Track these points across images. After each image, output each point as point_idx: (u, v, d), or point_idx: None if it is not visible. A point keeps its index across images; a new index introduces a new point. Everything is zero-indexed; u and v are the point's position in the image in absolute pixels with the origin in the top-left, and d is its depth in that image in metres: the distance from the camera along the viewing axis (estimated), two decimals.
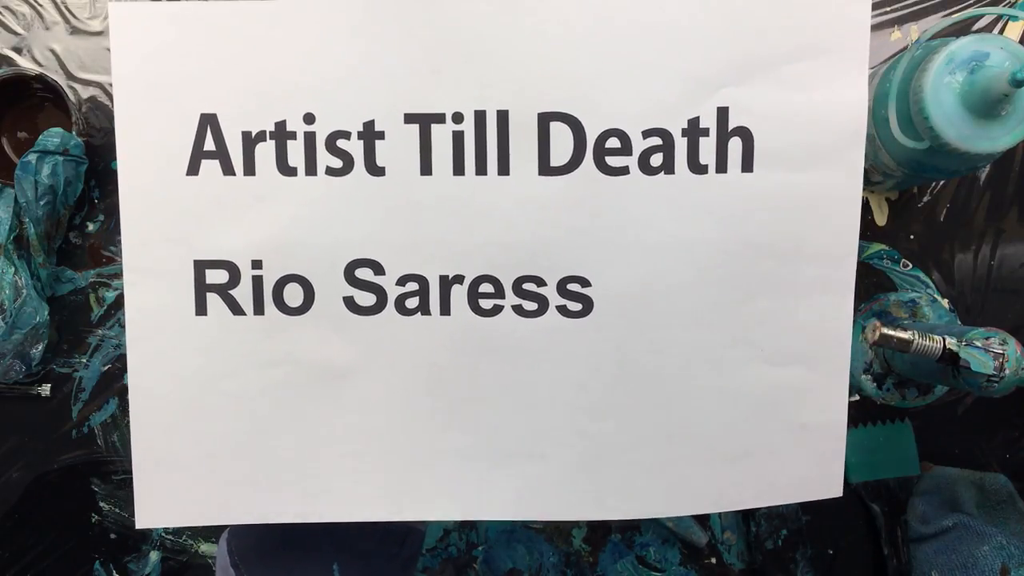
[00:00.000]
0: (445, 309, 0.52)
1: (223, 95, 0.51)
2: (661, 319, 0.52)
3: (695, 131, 0.50)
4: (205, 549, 0.80)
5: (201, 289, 0.52)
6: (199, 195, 0.51)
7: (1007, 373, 0.57)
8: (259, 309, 0.52)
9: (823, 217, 0.51)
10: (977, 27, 0.72)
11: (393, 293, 0.52)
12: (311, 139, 0.51)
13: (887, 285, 0.75)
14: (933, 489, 0.73)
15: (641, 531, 0.79)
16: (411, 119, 0.51)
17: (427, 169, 0.51)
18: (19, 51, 0.76)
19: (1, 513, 0.78)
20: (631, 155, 0.50)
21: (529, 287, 0.52)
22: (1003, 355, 0.58)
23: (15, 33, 0.76)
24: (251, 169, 0.51)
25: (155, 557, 0.79)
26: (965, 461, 0.75)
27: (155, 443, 0.54)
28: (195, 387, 0.53)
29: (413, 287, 0.52)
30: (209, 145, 0.51)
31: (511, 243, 0.51)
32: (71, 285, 0.77)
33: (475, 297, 0.52)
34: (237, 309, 0.52)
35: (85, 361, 0.77)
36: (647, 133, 0.50)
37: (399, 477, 0.54)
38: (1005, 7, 0.73)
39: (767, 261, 0.52)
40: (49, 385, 0.77)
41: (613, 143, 0.50)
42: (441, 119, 0.50)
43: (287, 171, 0.51)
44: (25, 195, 0.71)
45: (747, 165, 0.51)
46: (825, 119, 0.50)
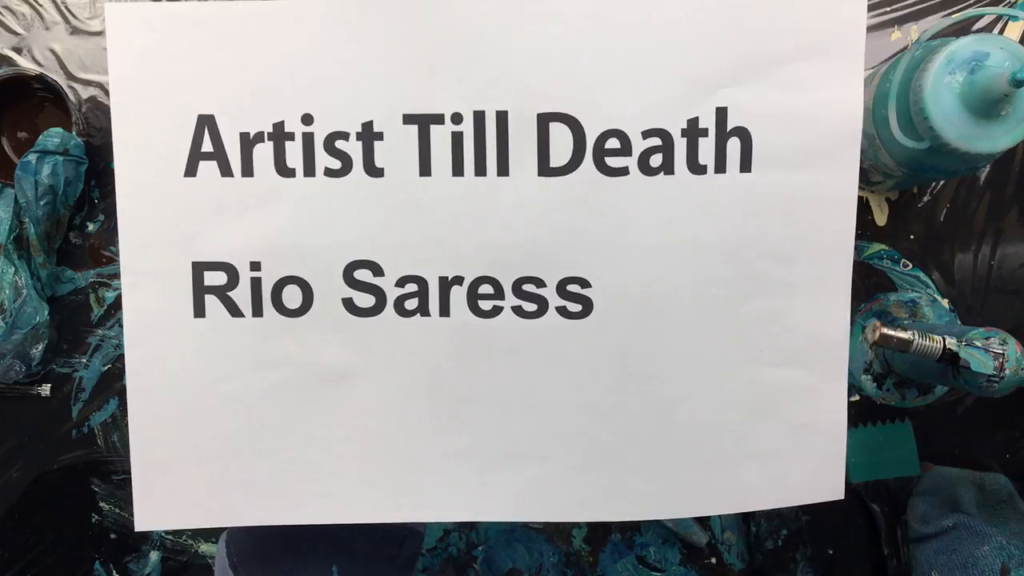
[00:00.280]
0: (444, 310, 0.52)
1: (221, 96, 0.51)
2: (661, 320, 0.52)
3: (694, 131, 0.50)
4: (205, 549, 0.80)
5: (199, 291, 0.52)
6: (197, 197, 0.51)
7: (1007, 373, 0.57)
8: (258, 311, 0.52)
9: (820, 216, 0.51)
10: (977, 27, 0.72)
11: (392, 294, 0.52)
12: (309, 140, 0.51)
13: (887, 285, 0.75)
14: (933, 489, 0.73)
15: (641, 531, 0.79)
16: (410, 120, 0.50)
17: (426, 170, 0.51)
18: (19, 51, 0.76)
19: (1, 513, 0.78)
20: (631, 156, 0.50)
21: (529, 288, 0.52)
22: (1003, 355, 0.58)
23: (15, 33, 0.76)
24: (249, 170, 0.51)
25: (155, 557, 0.80)
26: (965, 461, 0.75)
27: (154, 445, 0.53)
28: (194, 389, 0.53)
29: (412, 288, 0.52)
30: (207, 146, 0.51)
31: (510, 244, 0.51)
32: (71, 285, 0.77)
33: (474, 298, 0.52)
34: (236, 311, 0.52)
35: (85, 361, 0.77)
36: (647, 133, 0.50)
37: (398, 479, 0.54)
38: (1005, 7, 0.73)
39: (765, 261, 0.52)
40: (49, 385, 0.77)
41: (613, 144, 0.50)
42: (440, 120, 0.50)
43: (285, 172, 0.51)
44: (25, 195, 0.71)
45: (745, 165, 0.51)
46: (822, 119, 0.50)
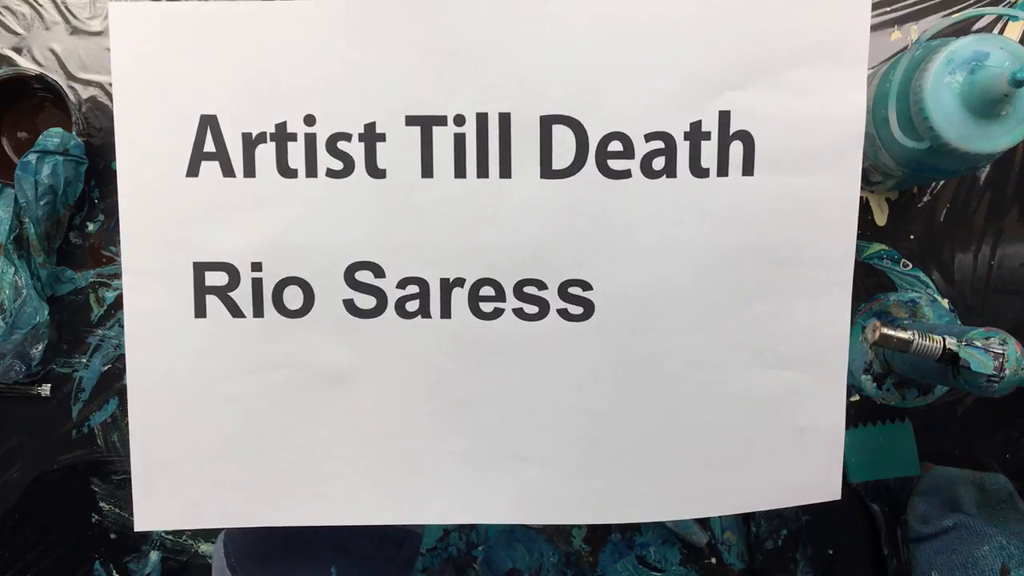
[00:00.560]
0: (446, 312, 0.52)
1: (223, 96, 0.51)
2: (662, 322, 0.52)
3: (697, 134, 0.50)
4: (205, 549, 0.80)
5: (200, 291, 0.52)
6: (199, 197, 0.51)
7: (1007, 373, 0.57)
8: (259, 311, 0.52)
9: (822, 221, 0.51)
10: (977, 27, 0.72)
11: (393, 296, 0.52)
12: (312, 141, 0.51)
13: (887, 285, 0.75)
14: (933, 489, 0.73)
15: (641, 531, 0.79)
16: (412, 121, 0.50)
17: (428, 171, 0.51)
18: (19, 51, 0.76)
19: (1, 513, 0.78)
20: (633, 158, 0.50)
21: (530, 290, 0.52)
22: (1003, 355, 0.58)
23: (15, 33, 0.76)
24: (251, 171, 0.51)
25: (155, 557, 0.80)
26: (965, 461, 0.75)
27: (154, 446, 0.53)
28: (194, 389, 0.53)
29: (413, 290, 0.52)
30: (209, 146, 0.51)
31: (512, 246, 0.51)
32: (71, 285, 0.77)
33: (476, 300, 0.52)
34: (236, 311, 0.52)
35: (85, 361, 0.77)
36: (649, 136, 0.50)
37: (398, 480, 0.54)
38: (1005, 7, 0.73)
39: (767, 264, 0.52)
40: (49, 385, 0.77)
41: (615, 146, 0.50)
42: (443, 121, 0.50)
43: (287, 173, 0.51)
44: (25, 195, 0.71)
45: (748, 169, 0.51)
46: (824, 123, 0.50)
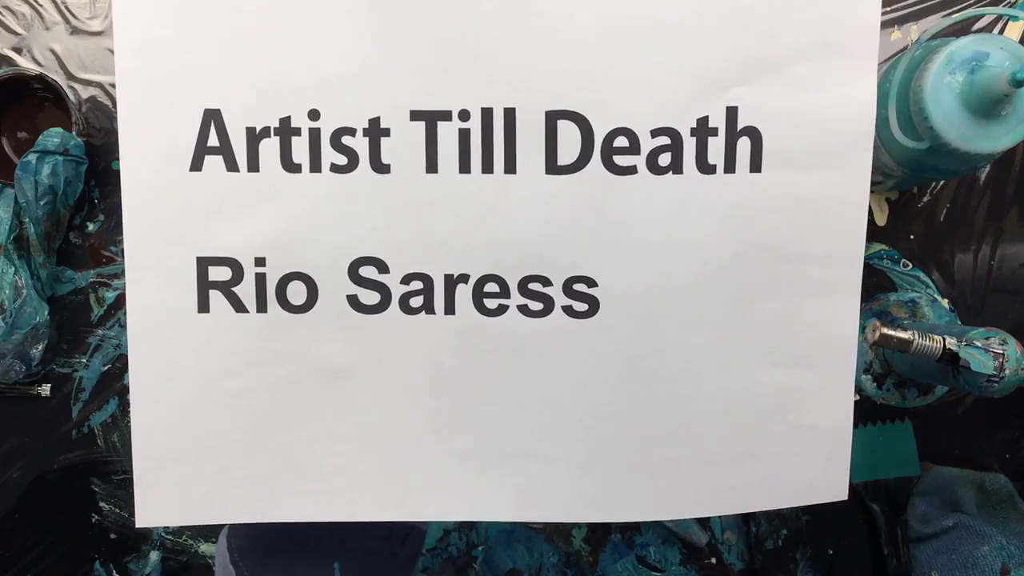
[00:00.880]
0: (450, 308, 0.52)
1: (227, 90, 0.50)
2: (667, 320, 0.52)
3: (704, 130, 0.50)
4: (205, 549, 0.80)
5: (204, 286, 0.52)
6: (202, 191, 0.51)
7: (1007, 373, 0.58)
8: (262, 307, 0.52)
9: (830, 218, 0.51)
10: (977, 27, 0.73)
11: (397, 292, 0.52)
12: (316, 135, 0.50)
13: (887, 285, 0.75)
14: (933, 489, 0.73)
15: (641, 531, 0.79)
16: (417, 116, 0.50)
17: (433, 167, 0.50)
18: (19, 51, 0.76)
19: (1, 513, 0.78)
20: (639, 154, 0.50)
21: (535, 287, 0.52)
22: (1003, 355, 0.58)
23: (15, 33, 0.76)
24: (255, 165, 0.51)
25: (155, 557, 0.79)
26: (965, 461, 0.75)
27: (156, 441, 0.53)
28: (197, 385, 0.53)
29: (418, 286, 0.52)
30: (213, 141, 0.50)
31: (517, 242, 0.51)
32: (71, 285, 0.77)
33: (480, 296, 0.52)
34: (240, 307, 0.52)
35: (85, 361, 0.77)
36: (655, 132, 0.50)
37: (401, 477, 0.54)
38: (1005, 7, 0.73)
39: (774, 262, 0.51)
40: (49, 385, 0.77)
41: (621, 142, 0.50)
42: (447, 116, 0.50)
43: (291, 168, 0.51)
44: (25, 195, 0.71)
45: (755, 165, 0.50)
46: (834, 120, 0.50)
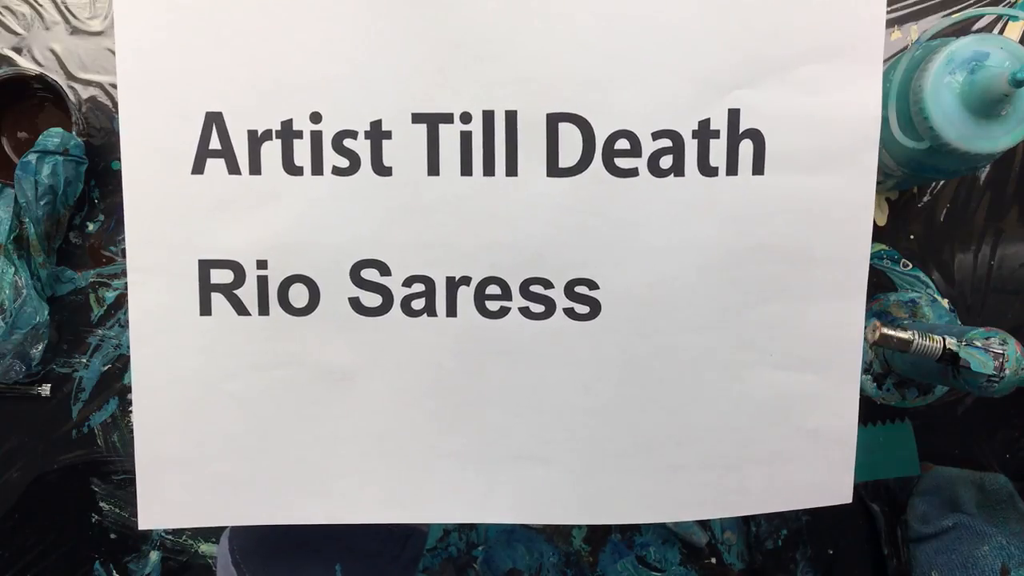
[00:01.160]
0: (451, 311, 0.52)
1: (229, 93, 0.50)
2: (669, 322, 0.52)
3: (706, 133, 0.50)
4: (205, 549, 0.80)
5: (206, 289, 0.52)
6: (204, 194, 0.51)
7: (1007, 373, 0.58)
8: (264, 309, 0.52)
9: (835, 221, 0.51)
10: (977, 27, 0.73)
11: (399, 294, 0.52)
12: (318, 138, 0.50)
13: (887, 285, 0.75)
14: (933, 489, 0.73)
15: (641, 531, 0.79)
16: (419, 119, 0.50)
17: (434, 169, 0.50)
18: (19, 51, 0.76)
19: (1, 513, 0.78)
20: (640, 157, 0.50)
21: (536, 289, 0.52)
22: (1003, 355, 0.58)
23: (15, 33, 0.76)
24: (257, 168, 0.51)
25: (155, 557, 0.79)
26: (965, 461, 0.75)
27: (158, 443, 0.53)
28: (199, 387, 0.53)
29: (419, 288, 0.52)
30: (215, 144, 0.50)
31: (518, 244, 0.51)
32: (71, 285, 0.77)
33: (482, 299, 0.52)
34: (242, 309, 0.52)
35: (85, 361, 0.77)
36: (657, 135, 0.50)
37: (403, 479, 0.54)
38: (1005, 7, 0.73)
39: (777, 265, 0.51)
40: (49, 385, 0.77)
41: (622, 144, 0.50)
42: (449, 119, 0.50)
43: (293, 170, 0.50)
44: (25, 195, 0.71)
45: (758, 168, 0.50)
46: (838, 122, 0.50)
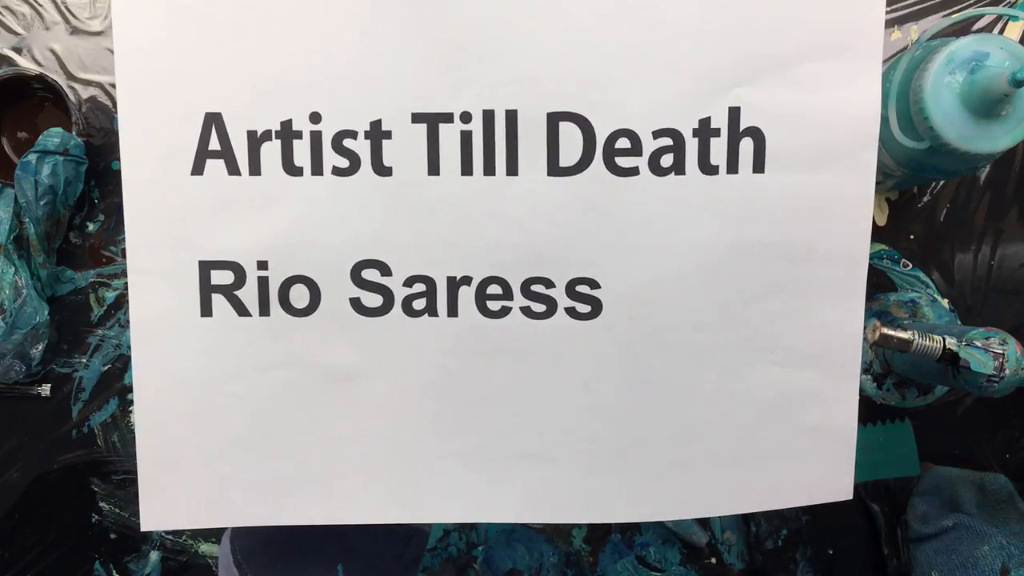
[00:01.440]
0: (452, 310, 0.52)
1: (228, 93, 0.50)
2: (670, 321, 0.52)
3: (706, 131, 0.50)
4: (205, 549, 0.80)
5: (206, 290, 0.52)
6: (204, 195, 0.51)
7: (1007, 373, 0.58)
8: (265, 310, 0.52)
9: (834, 219, 0.51)
10: (977, 27, 0.73)
11: (400, 294, 0.52)
12: (317, 138, 0.50)
13: (887, 285, 0.75)
14: (933, 489, 0.73)
15: (641, 531, 0.79)
16: (419, 119, 0.50)
17: (435, 169, 0.50)
18: (19, 51, 0.76)
19: (1, 513, 0.78)
20: (641, 155, 0.50)
21: (537, 288, 0.52)
22: (1003, 355, 0.58)
23: (15, 33, 0.76)
24: (257, 169, 0.50)
25: (155, 557, 0.79)
26: (965, 461, 0.75)
27: (160, 445, 0.53)
28: (200, 389, 0.53)
29: (420, 288, 0.52)
30: (214, 144, 0.50)
31: (519, 244, 0.51)
32: (71, 285, 0.77)
33: (483, 298, 0.52)
34: (243, 310, 0.52)
35: (85, 361, 0.77)
36: (657, 133, 0.50)
37: (405, 479, 0.54)
38: (1005, 7, 0.73)
39: (778, 263, 0.51)
40: (49, 385, 0.77)
41: (623, 143, 0.50)
42: (449, 119, 0.50)
43: (293, 171, 0.50)
44: (25, 195, 0.71)
45: (758, 166, 0.50)
46: (837, 120, 0.50)
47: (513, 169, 0.50)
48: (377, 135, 0.50)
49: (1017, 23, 0.73)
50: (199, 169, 0.51)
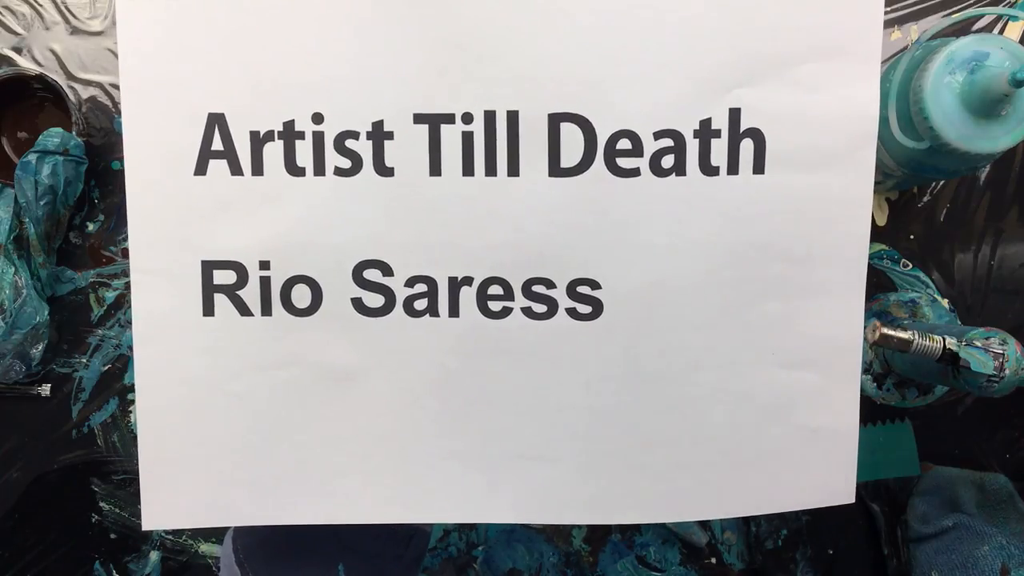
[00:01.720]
0: (454, 311, 0.52)
1: (231, 94, 0.50)
2: (671, 322, 0.52)
3: (707, 132, 0.50)
4: (205, 549, 0.80)
5: (209, 290, 0.52)
6: (207, 195, 0.51)
7: (1007, 373, 0.58)
8: (267, 310, 0.52)
9: (834, 219, 0.51)
10: (977, 27, 0.73)
11: (401, 294, 0.52)
12: (319, 139, 0.50)
13: (887, 285, 0.75)
14: (933, 489, 0.73)
15: (641, 531, 0.79)
16: (420, 119, 0.50)
17: (436, 170, 0.50)
18: (19, 51, 0.76)
19: (1, 513, 0.78)
20: (642, 156, 0.50)
21: (539, 289, 0.52)
22: (1003, 355, 0.58)
23: (15, 33, 0.75)
24: (259, 169, 0.51)
25: (155, 557, 0.79)
26: (965, 461, 0.75)
27: (162, 444, 0.53)
28: (202, 388, 0.53)
29: (422, 288, 0.52)
30: (217, 145, 0.50)
31: (520, 245, 0.51)
32: (71, 285, 0.77)
33: (484, 299, 0.52)
34: (245, 310, 0.52)
35: (85, 361, 0.77)
36: (658, 134, 0.50)
37: (405, 479, 0.54)
38: (1005, 7, 0.73)
39: (778, 263, 0.51)
40: (49, 385, 0.77)
41: (624, 144, 0.50)
42: (451, 119, 0.50)
43: (295, 171, 0.51)
44: (25, 195, 0.71)
45: (759, 167, 0.50)
46: (837, 120, 0.50)
47: (514, 170, 0.50)
48: (379, 136, 0.50)
49: (1017, 23, 0.73)
50: (202, 169, 0.51)
